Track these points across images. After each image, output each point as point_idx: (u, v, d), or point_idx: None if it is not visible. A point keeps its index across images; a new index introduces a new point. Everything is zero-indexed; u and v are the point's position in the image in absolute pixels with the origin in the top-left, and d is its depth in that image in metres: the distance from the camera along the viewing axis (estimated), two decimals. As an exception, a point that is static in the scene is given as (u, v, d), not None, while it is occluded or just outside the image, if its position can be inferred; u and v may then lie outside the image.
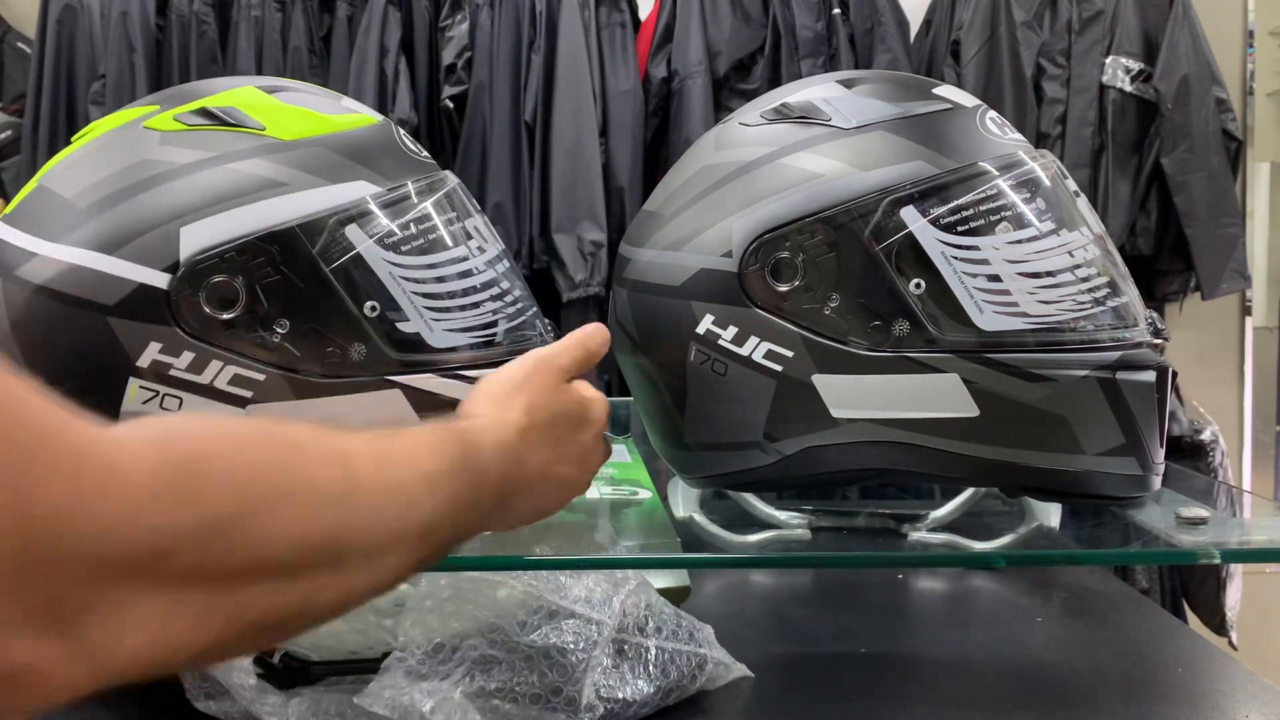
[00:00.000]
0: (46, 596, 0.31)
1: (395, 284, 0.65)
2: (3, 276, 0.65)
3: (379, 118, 0.73)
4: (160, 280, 0.62)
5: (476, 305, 0.68)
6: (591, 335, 0.64)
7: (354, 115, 0.71)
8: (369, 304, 0.64)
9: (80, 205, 0.64)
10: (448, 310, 0.67)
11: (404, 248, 0.66)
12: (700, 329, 0.69)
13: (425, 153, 0.73)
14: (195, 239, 0.62)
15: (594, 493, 0.84)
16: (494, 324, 0.69)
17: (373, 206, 0.66)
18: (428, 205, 0.68)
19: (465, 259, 0.69)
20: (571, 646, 0.72)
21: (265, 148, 0.65)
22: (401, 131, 0.73)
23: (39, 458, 0.31)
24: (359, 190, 0.66)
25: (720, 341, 0.69)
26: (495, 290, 0.70)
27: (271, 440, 0.40)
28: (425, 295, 0.66)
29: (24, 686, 0.31)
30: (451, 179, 0.73)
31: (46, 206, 0.66)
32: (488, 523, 0.55)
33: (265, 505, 0.38)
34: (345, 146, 0.67)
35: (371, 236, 0.65)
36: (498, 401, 0.57)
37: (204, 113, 0.67)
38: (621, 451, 0.99)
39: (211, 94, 0.69)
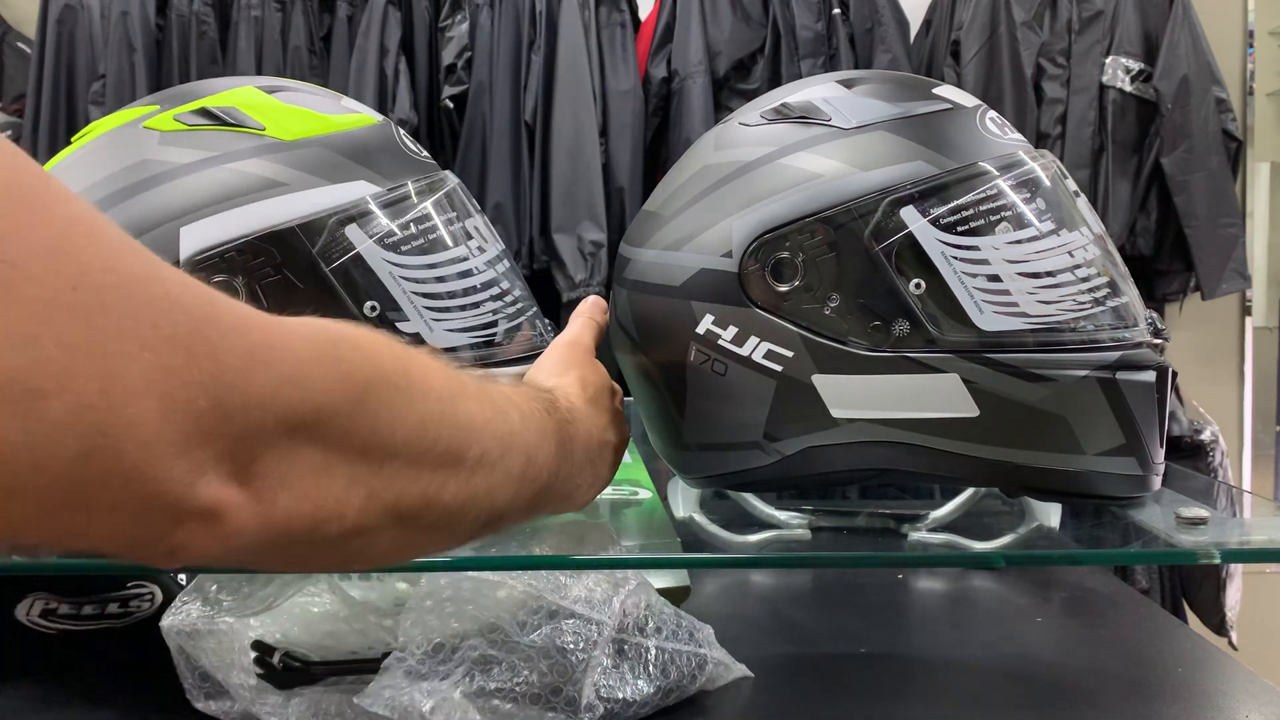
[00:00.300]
0: (234, 444, 0.34)
1: (395, 284, 0.65)
2: None
3: (379, 117, 0.73)
4: None
5: (476, 305, 0.68)
6: (594, 307, 0.70)
7: (354, 115, 0.71)
8: (369, 304, 0.64)
9: None
10: (447, 310, 0.67)
11: (404, 248, 0.66)
12: (700, 329, 0.69)
13: (425, 153, 0.73)
14: (195, 239, 0.62)
15: (594, 493, 0.84)
16: (494, 324, 0.69)
17: (373, 206, 0.66)
18: (428, 205, 0.68)
19: (465, 259, 0.69)
20: (571, 646, 0.72)
21: (265, 147, 0.65)
22: (401, 131, 0.73)
23: (214, 322, 0.34)
24: (359, 190, 0.66)
25: (720, 341, 0.68)
26: (495, 290, 0.70)
27: (390, 341, 0.44)
28: (425, 295, 0.66)
29: (211, 526, 0.34)
30: (451, 179, 0.73)
31: None
32: (574, 482, 0.58)
33: (391, 387, 0.41)
34: (345, 146, 0.67)
35: (371, 236, 0.65)
36: (553, 379, 0.61)
37: (204, 113, 0.67)
38: (621, 451, 0.99)
39: (212, 94, 0.69)
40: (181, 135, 0.66)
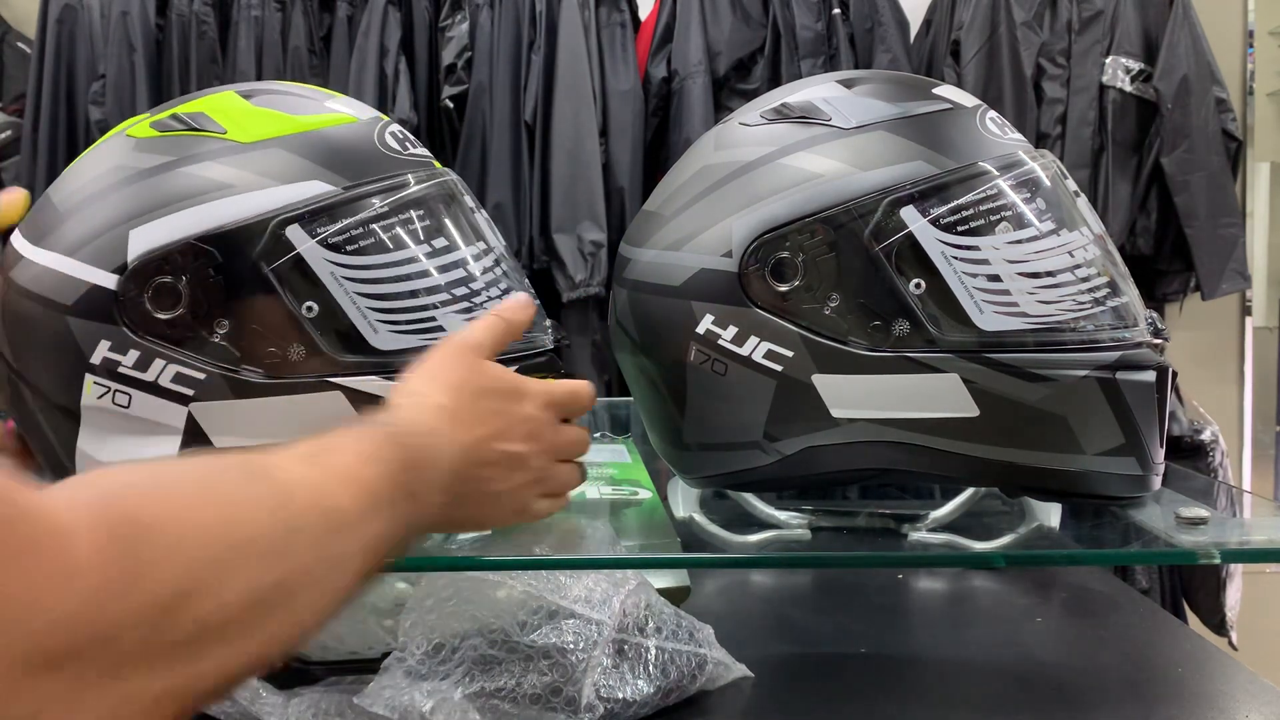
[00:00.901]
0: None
1: (337, 285, 0.64)
2: (3, 278, 0.67)
3: (365, 116, 0.71)
4: (110, 281, 0.63)
5: (426, 307, 0.66)
6: (507, 306, 0.64)
7: (330, 115, 0.70)
8: (307, 304, 0.64)
9: (60, 210, 0.67)
10: (393, 312, 0.65)
11: (349, 248, 0.65)
12: (700, 329, 0.69)
13: (419, 150, 0.72)
14: (142, 241, 0.63)
15: (594, 493, 0.84)
16: (443, 327, 0.67)
17: (319, 207, 0.65)
18: (386, 204, 0.66)
19: (416, 260, 0.66)
20: (571, 646, 0.72)
21: (221, 150, 0.66)
22: (393, 129, 0.72)
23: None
24: (309, 190, 0.65)
25: (720, 341, 0.69)
26: (465, 290, 0.68)
27: (211, 495, 0.39)
28: (370, 296, 0.65)
29: None
30: (445, 177, 0.71)
31: (40, 211, 0.68)
32: (442, 515, 0.55)
33: (212, 574, 0.36)
34: (304, 147, 0.66)
35: (314, 237, 0.64)
36: (417, 390, 0.57)
37: (174, 118, 0.68)
38: (621, 451, 0.99)
39: (194, 100, 0.70)
40: (153, 141, 0.67)
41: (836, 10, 2.18)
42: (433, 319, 0.66)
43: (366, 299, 0.65)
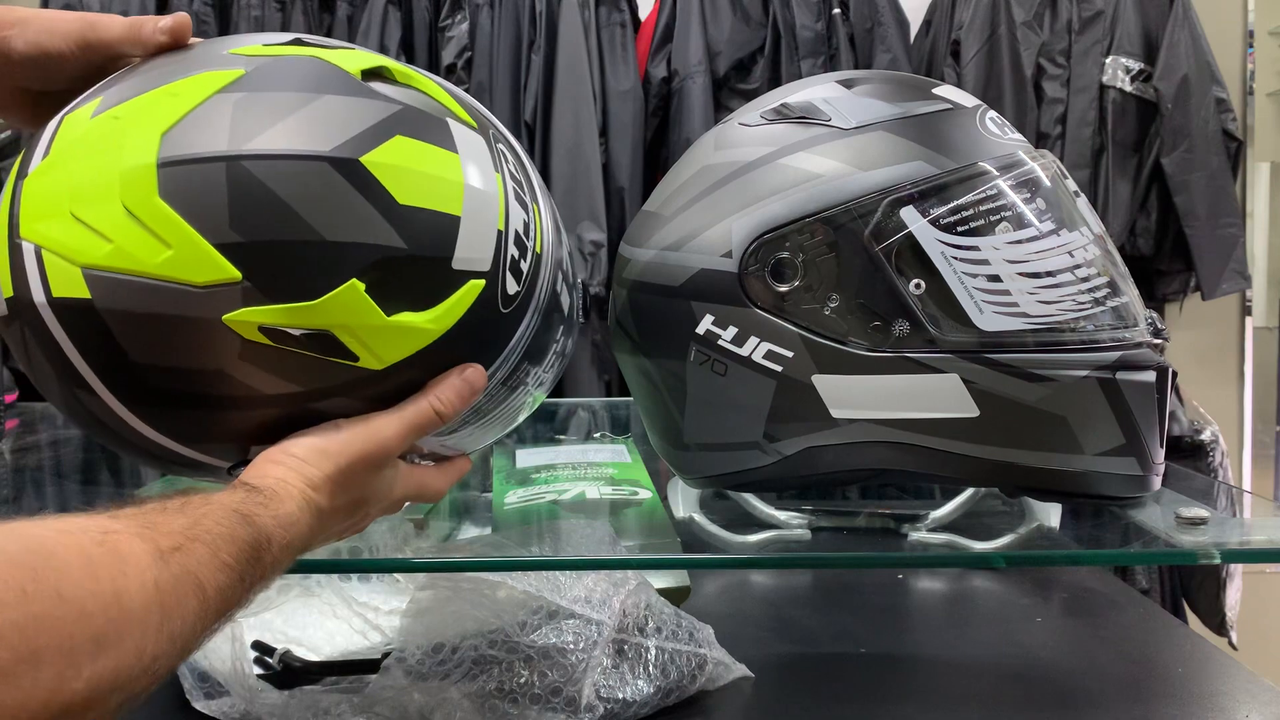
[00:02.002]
0: None
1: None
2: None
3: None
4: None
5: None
6: (457, 387, 0.56)
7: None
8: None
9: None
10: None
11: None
12: (700, 329, 0.69)
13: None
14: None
15: (594, 493, 0.84)
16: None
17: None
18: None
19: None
20: (571, 646, 0.72)
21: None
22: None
23: None
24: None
25: (720, 342, 0.69)
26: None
27: (30, 585, 0.36)
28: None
29: None
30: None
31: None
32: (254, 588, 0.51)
33: (10, 671, 0.34)
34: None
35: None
36: (309, 486, 0.52)
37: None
38: (621, 451, 0.99)
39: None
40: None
41: (836, 10, 2.18)
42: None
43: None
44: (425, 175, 0.55)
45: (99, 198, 0.52)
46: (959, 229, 0.66)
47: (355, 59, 0.57)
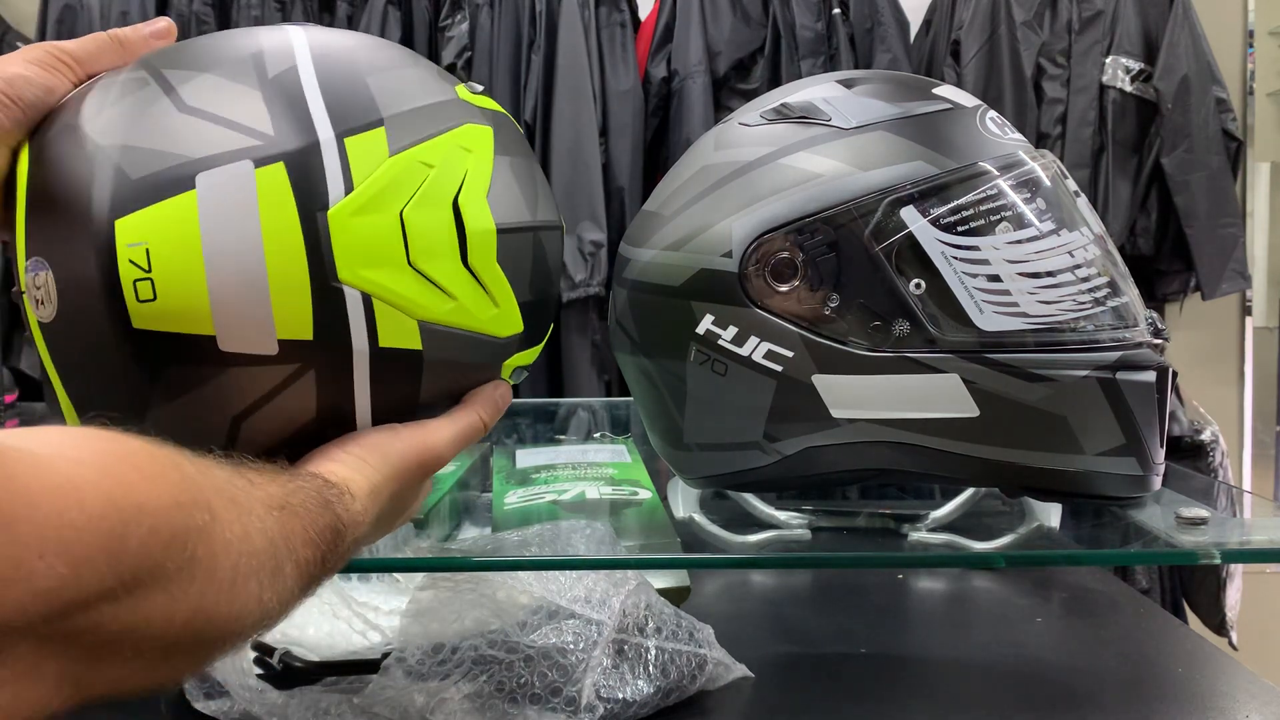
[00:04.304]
0: None
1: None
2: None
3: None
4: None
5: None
6: (486, 408, 0.59)
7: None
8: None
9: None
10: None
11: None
12: (700, 329, 0.69)
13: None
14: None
15: (594, 493, 0.84)
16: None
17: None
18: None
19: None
20: (571, 646, 0.72)
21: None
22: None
23: None
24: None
25: (720, 341, 0.69)
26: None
27: (190, 503, 0.36)
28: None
29: None
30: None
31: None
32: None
33: (169, 576, 0.34)
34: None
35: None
36: (371, 489, 0.51)
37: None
38: (621, 451, 0.99)
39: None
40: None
41: (836, 10, 2.18)
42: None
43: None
44: None
45: (441, 254, 0.54)
46: (959, 229, 0.66)
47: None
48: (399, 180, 0.53)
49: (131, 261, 0.49)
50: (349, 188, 0.51)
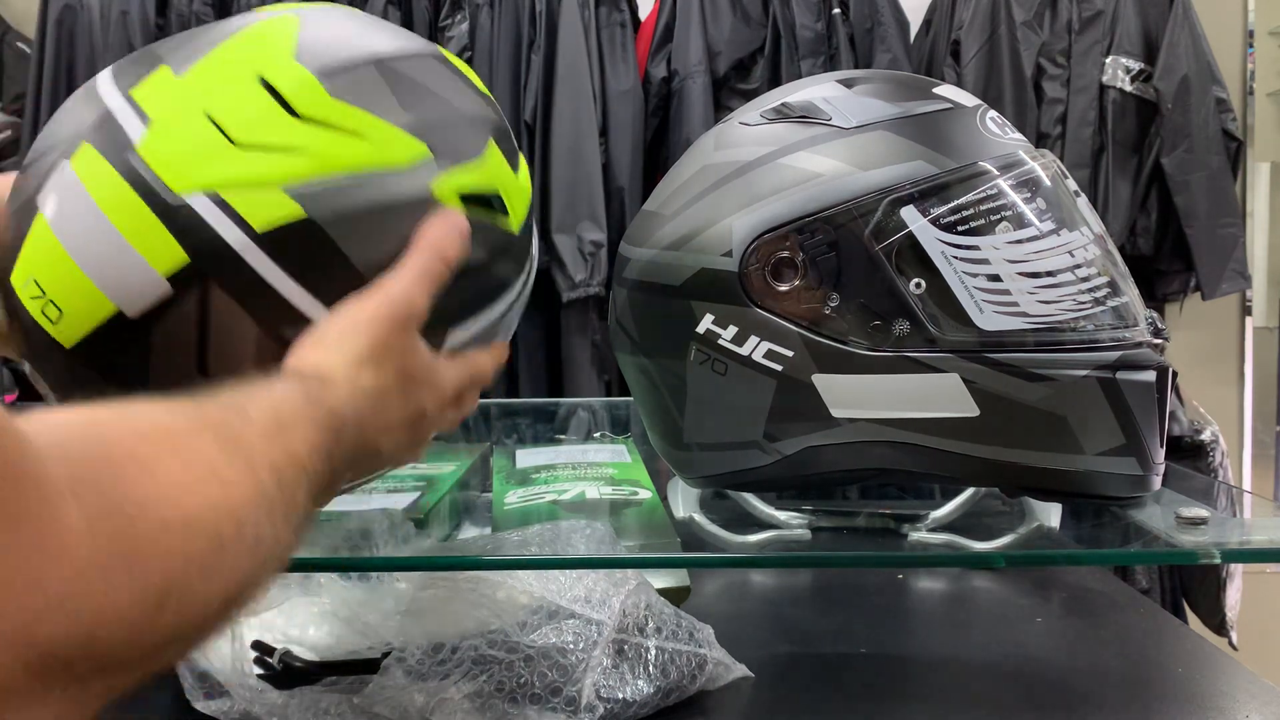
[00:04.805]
0: None
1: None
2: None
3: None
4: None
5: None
6: (445, 230, 0.55)
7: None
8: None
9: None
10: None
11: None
12: (700, 329, 0.69)
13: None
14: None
15: (594, 493, 0.84)
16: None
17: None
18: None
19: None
20: (571, 646, 0.72)
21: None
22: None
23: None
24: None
25: (720, 341, 0.68)
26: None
27: (196, 473, 0.34)
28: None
29: None
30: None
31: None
32: (330, 484, 0.51)
33: (198, 572, 0.33)
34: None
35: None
36: (353, 362, 0.51)
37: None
38: (621, 451, 0.99)
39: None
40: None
41: (836, 10, 2.18)
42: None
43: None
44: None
45: (266, 121, 0.54)
46: (959, 228, 0.66)
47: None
48: (191, 90, 0.55)
49: (33, 297, 0.54)
50: (146, 122, 0.54)
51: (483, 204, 0.59)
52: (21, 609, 0.25)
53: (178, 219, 0.52)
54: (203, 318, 0.53)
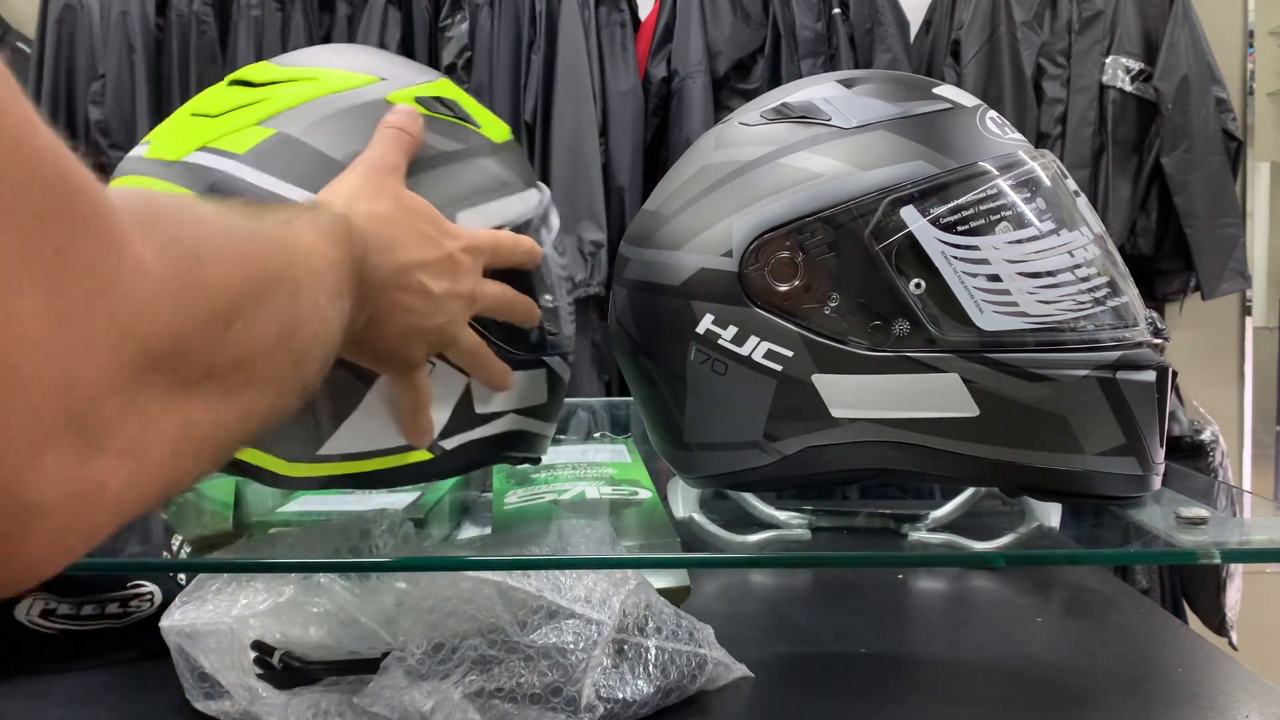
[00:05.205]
0: (89, 405, 0.27)
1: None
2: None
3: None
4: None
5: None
6: (403, 114, 0.65)
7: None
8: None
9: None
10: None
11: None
12: (700, 329, 0.69)
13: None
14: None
15: (594, 493, 0.84)
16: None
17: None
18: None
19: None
20: (571, 646, 0.72)
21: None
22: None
23: (82, 242, 0.28)
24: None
25: (720, 341, 0.68)
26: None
27: (235, 232, 0.39)
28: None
29: (87, 508, 0.28)
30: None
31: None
32: (363, 334, 0.54)
33: (250, 301, 0.37)
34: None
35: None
36: (346, 199, 0.57)
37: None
38: (621, 451, 0.99)
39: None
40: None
41: (836, 10, 2.18)
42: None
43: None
44: None
45: (235, 95, 0.66)
46: (959, 228, 0.66)
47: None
48: (180, 111, 0.69)
49: None
50: (147, 144, 0.66)
51: (442, 106, 0.69)
52: (117, 311, 0.29)
53: (179, 176, 0.62)
54: None
